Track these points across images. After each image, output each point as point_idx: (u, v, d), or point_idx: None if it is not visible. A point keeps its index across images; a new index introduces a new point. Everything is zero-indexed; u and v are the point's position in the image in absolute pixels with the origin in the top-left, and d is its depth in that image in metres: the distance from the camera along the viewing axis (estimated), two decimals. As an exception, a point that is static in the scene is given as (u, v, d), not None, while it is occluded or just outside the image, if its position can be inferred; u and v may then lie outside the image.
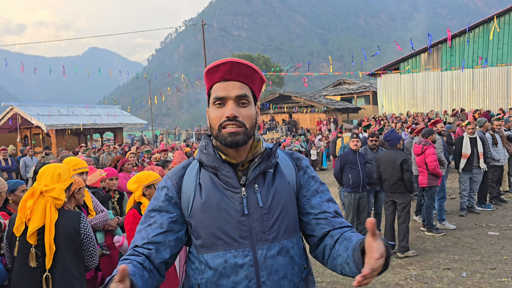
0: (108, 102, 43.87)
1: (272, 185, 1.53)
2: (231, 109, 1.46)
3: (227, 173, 1.49)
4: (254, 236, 1.46)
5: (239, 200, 1.47)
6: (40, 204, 2.70)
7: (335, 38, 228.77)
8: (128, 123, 30.75)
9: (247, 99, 1.50)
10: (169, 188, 1.55)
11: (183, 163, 1.64)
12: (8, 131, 26.40)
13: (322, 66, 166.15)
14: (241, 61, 1.50)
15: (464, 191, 8.07)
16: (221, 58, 1.57)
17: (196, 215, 1.49)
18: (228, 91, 1.48)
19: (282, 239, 1.49)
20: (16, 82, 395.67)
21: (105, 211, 4.00)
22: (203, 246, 1.48)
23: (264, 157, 1.54)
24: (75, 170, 3.74)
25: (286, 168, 1.60)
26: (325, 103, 29.65)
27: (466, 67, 23.00)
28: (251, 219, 1.46)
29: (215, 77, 1.52)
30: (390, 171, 6.06)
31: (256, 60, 59.21)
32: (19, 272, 2.68)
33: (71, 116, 26.19)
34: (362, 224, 6.69)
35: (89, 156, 12.14)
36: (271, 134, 28.81)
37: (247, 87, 1.52)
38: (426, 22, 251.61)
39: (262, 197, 1.49)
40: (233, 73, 1.49)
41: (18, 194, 3.59)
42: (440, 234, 6.87)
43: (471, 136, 8.05)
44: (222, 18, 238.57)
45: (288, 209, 1.53)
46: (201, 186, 1.51)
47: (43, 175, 2.80)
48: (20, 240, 2.67)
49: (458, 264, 5.53)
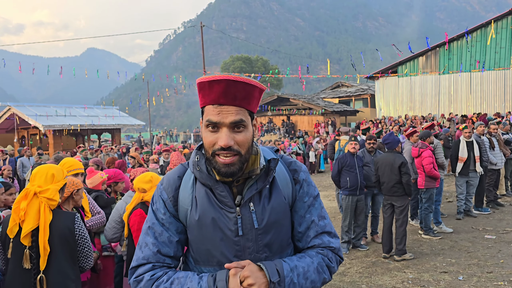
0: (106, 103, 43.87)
1: (268, 203, 1.48)
2: (225, 139, 1.35)
3: (222, 193, 1.44)
4: (247, 256, 1.45)
5: (233, 220, 1.44)
6: (34, 205, 2.68)
7: (334, 41, 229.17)
8: (126, 124, 30.69)
9: (243, 123, 1.39)
10: (165, 201, 1.51)
11: (177, 171, 1.57)
12: (5, 131, 26.33)
13: (321, 69, 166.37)
14: (238, 78, 1.35)
15: (461, 195, 8.09)
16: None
17: (192, 231, 1.49)
18: (222, 117, 1.37)
19: (274, 256, 1.48)
20: (14, 82, 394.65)
21: (101, 213, 3.98)
22: (198, 260, 1.50)
23: (262, 174, 1.48)
24: (70, 171, 3.73)
25: (283, 182, 1.54)
26: (323, 106, 29.70)
27: (464, 71, 23.09)
28: (245, 239, 1.45)
29: (208, 98, 1.39)
30: (389, 174, 6.08)
31: (255, 62, 59.28)
32: (13, 274, 2.66)
33: (68, 117, 26.12)
34: (359, 227, 6.70)
35: (86, 157, 12.12)
36: (269, 136, 28.81)
37: (244, 110, 1.40)
38: (424, 25, 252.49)
39: (258, 217, 1.45)
40: (229, 96, 1.36)
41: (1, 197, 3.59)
42: (437, 238, 6.88)
43: (467, 140, 8.08)
44: (221, 19, 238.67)
45: (282, 227, 1.51)
46: (197, 200, 1.48)
47: (36, 176, 2.79)
48: (14, 242, 2.65)
49: (455, 268, 5.54)
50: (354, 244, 6.69)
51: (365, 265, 5.88)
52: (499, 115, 18.72)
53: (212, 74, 1.41)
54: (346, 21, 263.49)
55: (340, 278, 5.42)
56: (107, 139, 32.64)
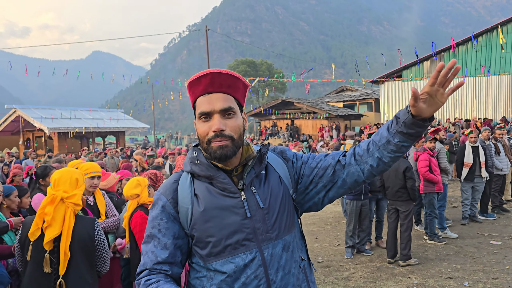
0: (111, 106, 44.02)
1: (267, 184, 1.56)
2: (217, 124, 1.46)
3: (224, 180, 1.50)
4: (259, 236, 1.48)
5: (239, 204, 1.49)
6: (60, 210, 2.69)
7: (338, 45, 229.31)
8: (130, 127, 30.83)
9: (232, 110, 1.50)
10: (164, 205, 1.54)
11: (173, 177, 1.62)
12: (10, 133, 26.48)
13: (325, 73, 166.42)
14: (222, 70, 1.50)
15: (466, 200, 8.04)
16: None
17: (198, 226, 1.49)
18: (213, 105, 1.48)
19: (284, 235, 1.53)
20: (20, 85, 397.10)
21: (117, 216, 4.00)
22: (210, 255, 1.49)
23: (257, 160, 1.57)
24: (87, 174, 3.76)
25: (277, 165, 1.63)
26: (328, 110, 29.67)
27: (469, 76, 23.01)
28: (254, 221, 1.49)
29: (197, 90, 1.51)
30: (393, 178, 6.06)
31: (259, 66, 59.40)
32: (32, 277, 2.65)
33: (73, 120, 26.28)
34: (363, 232, 6.67)
35: (91, 160, 12.16)
36: (273, 140, 28.81)
37: (231, 98, 1.52)
38: (429, 30, 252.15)
39: (261, 198, 1.52)
40: (215, 84, 1.49)
41: (12, 199, 3.60)
42: (442, 243, 6.84)
43: (473, 145, 8.05)
44: (225, 23, 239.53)
45: (285, 205, 1.57)
46: (198, 196, 1.52)
47: (60, 181, 2.76)
48: (34, 245, 2.65)
49: (460, 273, 5.50)
50: (359, 249, 6.66)
51: (370, 270, 5.86)
52: (505, 119, 18.65)
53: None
54: (351, 25, 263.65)
55: (345, 283, 5.40)
56: (111, 142, 32.75)
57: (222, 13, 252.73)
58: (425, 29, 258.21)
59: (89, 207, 3.70)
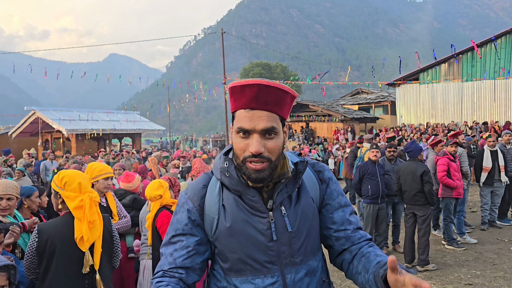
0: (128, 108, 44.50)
1: (298, 205, 1.48)
2: (256, 146, 1.34)
3: (253, 198, 1.43)
4: (282, 260, 1.43)
5: (266, 225, 1.42)
6: (95, 211, 2.78)
7: (353, 47, 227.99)
8: (146, 129, 31.08)
9: (274, 130, 1.37)
10: (191, 210, 1.48)
11: (202, 179, 1.55)
12: (30, 134, 26.96)
13: (340, 75, 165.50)
14: (270, 83, 1.34)
15: (485, 205, 7.90)
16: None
17: (222, 239, 1.44)
18: (254, 123, 1.35)
19: (308, 260, 1.47)
20: (38, 87, 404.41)
21: (127, 217, 4.05)
22: (231, 270, 1.45)
23: (291, 178, 1.47)
24: (101, 175, 3.82)
25: (310, 183, 1.55)
26: (343, 112, 29.48)
27: (488, 78, 22.63)
28: (279, 244, 1.42)
29: (239, 102, 1.38)
30: (410, 182, 5.99)
31: (274, 69, 59.42)
32: (59, 281, 2.66)
33: (91, 121, 26.60)
34: (380, 236, 6.61)
35: (108, 162, 12.30)
36: (288, 143, 28.76)
37: (276, 116, 1.39)
38: (446, 32, 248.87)
39: (290, 220, 1.44)
40: (260, 100, 1.34)
41: (34, 200, 3.63)
42: (461, 249, 6.73)
43: (491, 149, 7.90)
44: (240, 26, 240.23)
45: (313, 229, 1.51)
46: (225, 208, 1.45)
47: (85, 184, 2.82)
48: (61, 250, 2.66)
49: (480, 280, 5.40)
50: (375, 253, 6.58)
51: (387, 275, 5.78)
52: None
53: (233, 80, 1.43)
54: (366, 27, 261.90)
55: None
56: (127, 144, 33.08)
57: (237, 16, 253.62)
58: (442, 31, 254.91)
59: (103, 208, 3.71)
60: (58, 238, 2.67)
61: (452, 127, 20.77)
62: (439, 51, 22.72)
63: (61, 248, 2.66)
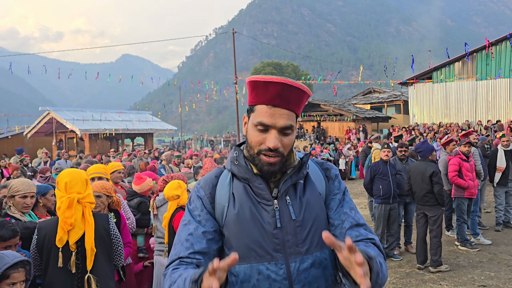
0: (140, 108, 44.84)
1: (304, 196, 1.51)
2: (274, 141, 1.41)
3: (259, 185, 1.48)
4: (287, 249, 1.44)
5: (271, 213, 1.46)
6: (78, 211, 2.79)
7: (365, 46, 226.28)
8: (158, 129, 31.32)
9: (291, 128, 1.45)
10: (203, 198, 1.53)
11: (214, 171, 1.62)
12: (44, 134, 27.35)
13: (352, 74, 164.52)
14: (293, 83, 1.41)
15: (499, 205, 7.79)
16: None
17: (230, 226, 1.48)
18: (275, 120, 1.42)
19: (315, 251, 1.47)
20: (52, 88, 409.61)
21: (131, 219, 4.08)
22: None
23: (296, 169, 1.53)
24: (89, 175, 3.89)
25: (316, 179, 1.59)
26: (355, 112, 29.30)
27: (503, 77, 22.29)
28: (284, 232, 1.45)
29: (262, 97, 1.43)
30: (420, 183, 5.93)
31: (285, 68, 59.27)
32: (55, 279, 2.74)
33: (104, 121, 26.91)
34: (392, 236, 6.56)
35: (120, 161, 12.41)
36: (299, 142, 28.67)
37: (293, 114, 1.46)
38: (460, 30, 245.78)
39: (295, 209, 1.48)
40: (283, 99, 1.41)
41: (49, 198, 3.68)
42: (475, 250, 6.65)
43: (505, 148, 7.79)
44: (251, 26, 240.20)
45: (320, 221, 1.51)
46: (234, 196, 1.50)
47: (72, 184, 2.84)
48: (56, 249, 2.74)
49: (494, 282, 5.33)
50: (387, 254, 6.55)
51: (399, 276, 5.75)
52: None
53: (244, 80, 1.46)
54: (378, 26, 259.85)
55: (373, 288, 5.31)
56: (139, 143, 33.35)
57: (249, 16, 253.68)
58: (456, 29, 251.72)
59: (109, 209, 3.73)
60: (54, 236, 2.75)
61: (464, 126, 20.51)
62: (452, 49, 22.45)
63: (56, 246, 2.74)
